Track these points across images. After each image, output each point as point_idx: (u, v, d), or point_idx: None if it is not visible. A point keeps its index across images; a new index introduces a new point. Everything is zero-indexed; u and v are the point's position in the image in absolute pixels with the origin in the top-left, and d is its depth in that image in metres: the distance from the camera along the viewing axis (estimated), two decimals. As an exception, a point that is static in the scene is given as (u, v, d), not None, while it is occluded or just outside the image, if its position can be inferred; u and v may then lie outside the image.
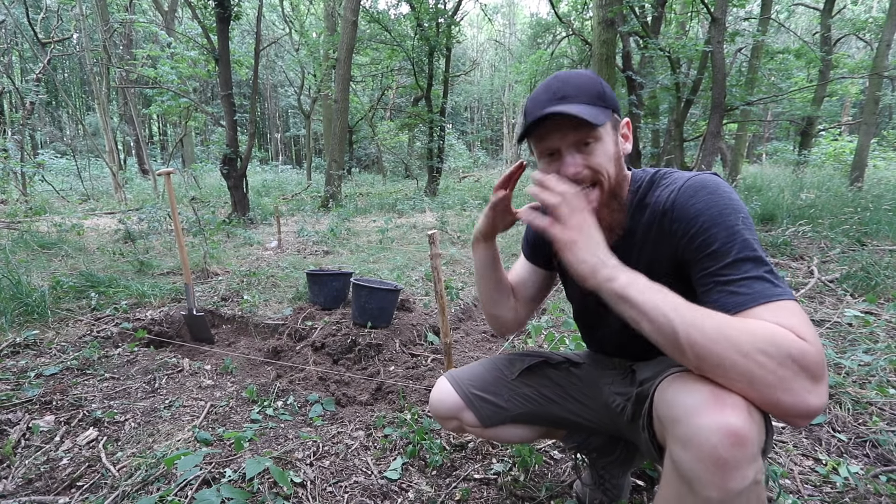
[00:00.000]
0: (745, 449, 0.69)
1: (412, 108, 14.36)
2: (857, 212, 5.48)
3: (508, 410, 1.18)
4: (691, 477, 0.72)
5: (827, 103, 13.89)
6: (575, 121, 0.88)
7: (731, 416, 0.69)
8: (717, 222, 0.82)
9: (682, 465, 0.73)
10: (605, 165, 0.92)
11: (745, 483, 0.69)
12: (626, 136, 0.99)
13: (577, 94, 0.90)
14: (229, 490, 1.22)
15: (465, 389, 1.19)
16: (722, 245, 0.80)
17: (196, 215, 5.36)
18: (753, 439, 0.70)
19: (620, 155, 0.96)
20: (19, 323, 2.61)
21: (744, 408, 0.70)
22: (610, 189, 0.93)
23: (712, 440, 0.69)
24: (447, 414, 1.20)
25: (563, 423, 1.20)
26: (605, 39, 8.29)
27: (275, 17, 20.37)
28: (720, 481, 0.69)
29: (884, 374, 1.99)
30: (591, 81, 0.93)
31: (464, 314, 3.28)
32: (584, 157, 0.91)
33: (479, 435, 1.22)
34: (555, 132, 0.91)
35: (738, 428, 0.69)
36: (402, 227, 6.80)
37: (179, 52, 8.78)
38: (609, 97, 0.93)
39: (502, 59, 28.86)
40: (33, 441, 1.59)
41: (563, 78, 0.93)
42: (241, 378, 2.26)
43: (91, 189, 10.83)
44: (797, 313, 0.73)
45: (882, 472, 1.45)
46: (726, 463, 0.69)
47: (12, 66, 14.83)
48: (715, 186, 0.86)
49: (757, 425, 0.71)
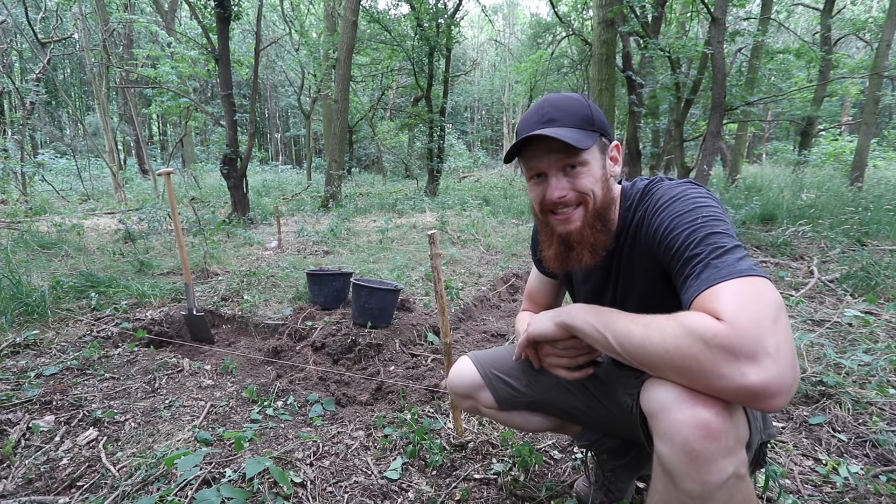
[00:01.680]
0: (717, 441, 0.69)
1: (412, 108, 14.35)
2: (857, 212, 5.48)
3: (526, 395, 1.18)
4: (671, 470, 0.74)
5: (827, 103, 13.88)
6: (561, 145, 0.90)
7: (701, 410, 0.71)
8: (676, 226, 0.85)
9: (663, 459, 0.75)
10: (589, 188, 0.94)
11: (722, 476, 0.70)
12: (616, 159, 1.00)
13: (564, 118, 0.92)
14: (229, 490, 1.22)
15: (486, 369, 1.20)
16: (679, 246, 0.83)
17: (196, 215, 5.36)
18: (727, 432, 0.70)
19: (608, 178, 0.97)
20: (19, 323, 2.61)
21: (717, 402, 0.71)
22: (595, 210, 0.95)
23: (684, 433, 0.71)
24: (465, 391, 1.21)
25: (578, 417, 1.20)
26: (605, 39, 8.29)
27: (275, 17, 20.36)
28: (696, 474, 0.70)
29: (884, 374, 1.99)
30: (580, 105, 0.94)
31: (464, 314, 3.27)
32: (569, 181, 0.94)
33: (492, 417, 1.23)
34: (542, 155, 0.93)
35: (708, 421, 0.70)
36: (402, 227, 6.80)
37: (179, 52, 8.77)
38: (598, 121, 0.94)
39: (502, 59, 28.85)
40: (33, 441, 1.59)
41: (553, 101, 0.95)
42: (241, 378, 2.26)
43: (91, 189, 10.83)
44: (734, 292, 0.71)
45: (882, 472, 1.45)
46: (699, 455, 0.70)
47: (12, 66, 14.85)
48: (682, 194, 0.89)
49: (732, 419, 0.72)
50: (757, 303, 0.70)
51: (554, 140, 0.89)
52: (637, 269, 0.99)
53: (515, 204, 9.33)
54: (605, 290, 1.09)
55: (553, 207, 0.96)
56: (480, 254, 5.09)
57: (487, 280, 4.02)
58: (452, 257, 4.71)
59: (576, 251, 0.97)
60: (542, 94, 15.18)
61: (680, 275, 0.82)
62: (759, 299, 0.70)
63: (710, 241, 0.79)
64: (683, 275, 0.81)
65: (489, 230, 6.38)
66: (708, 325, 0.69)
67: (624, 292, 1.04)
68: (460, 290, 3.55)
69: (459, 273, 4.24)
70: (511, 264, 4.58)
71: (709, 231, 0.81)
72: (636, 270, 0.99)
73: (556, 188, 0.93)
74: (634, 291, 1.01)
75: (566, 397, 1.18)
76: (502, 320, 3.34)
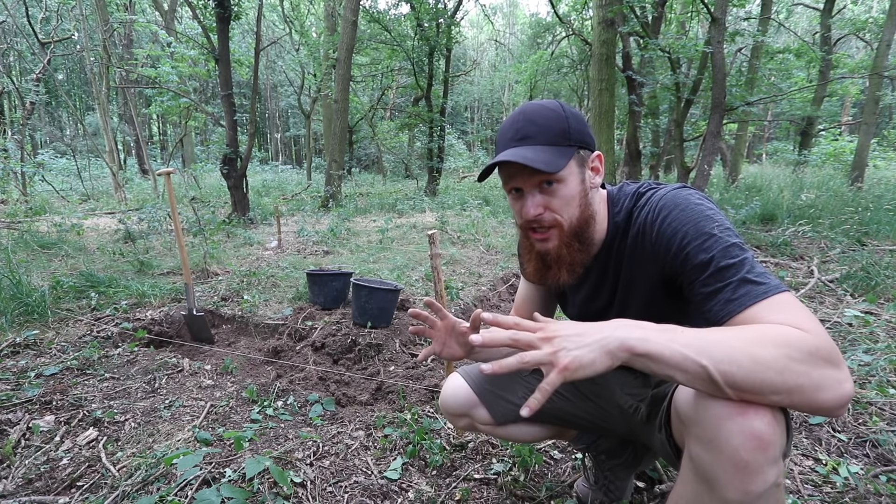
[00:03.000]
0: (767, 452, 0.68)
1: (412, 108, 14.35)
2: (857, 212, 5.48)
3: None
4: (711, 478, 0.72)
5: (827, 103, 13.88)
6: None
7: (755, 420, 0.69)
8: (694, 237, 0.83)
9: (703, 466, 0.73)
10: (564, 208, 0.93)
11: (765, 486, 0.69)
12: (597, 170, 0.98)
13: (539, 134, 0.90)
14: (229, 489, 1.22)
15: (479, 385, 1.18)
16: (704, 257, 0.81)
17: (196, 215, 5.36)
18: (776, 443, 0.69)
19: (587, 192, 0.95)
20: (19, 323, 2.61)
21: (768, 411, 0.70)
22: (571, 230, 0.94)
23: (734, 443, 0.69)
24: (459, 411, 1.19)
25: (575, 422, 1.19)
26: (605, 39, 8.30)
27: (275, 17, 20.36)
28: (741, 484, 0.69)
29: (884, 374, 1.99)
30: (556, 118, 0.92)
31: (464, 314, 3.27)
32: (544, 198, 0.92)
33: (489, 433, 1.21)
34: (517, 174, 0.92)
35: (762, 432, 0.68)
36: (402, 227, 6.80)
37: (179, 52, 8.77)
38: (575, 133, 0.92)
39: (502, 59, 28.87)
40: (33, 441, 1.59)
41: (529, 114, 0.93)
42: (241, 378, 2.26)
43: (91, 189, 10.83)
44: (791, 304, 0.73)
45: (882, 472, 1.45)
46: (748, 466, 0.68)
47: (12, 66, 14.85)
48: (685, 202, 0.88)
49: (780, 428, 0.71)
50: (809, 313, 0.72)
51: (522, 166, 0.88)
52: (638, 278, 0.97)
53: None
54: (599, 299, 1.07)
55: (531, 225, 0.95)
56: (480, 254, 5.09)
57: (487, 280, 4.02)
58: (452, 257, 4.71)
59: (553, 270, 0.97)
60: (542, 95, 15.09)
61: (705, 285, 0.80)
62: (805, 310, 0.72)
63: (736, 254, 0.79)
64: (712, 287, 0.79)
65: (489, 230, 6.38)
66: (805, 338, 0.67)
67: (622, 303, 1.02)
68: (460, 290, 3.55)
69: (459, 273, 4.24)
70: (511, 264, 4.58)
71: (731, 242, 0.80)
72: (637, 279, 0.97)
73: (532, 206, 0.92)
74: (635, 301, 0.99)
75: (562, 404, 1.17)
76: (502, 320, 3.34)
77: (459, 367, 1.27)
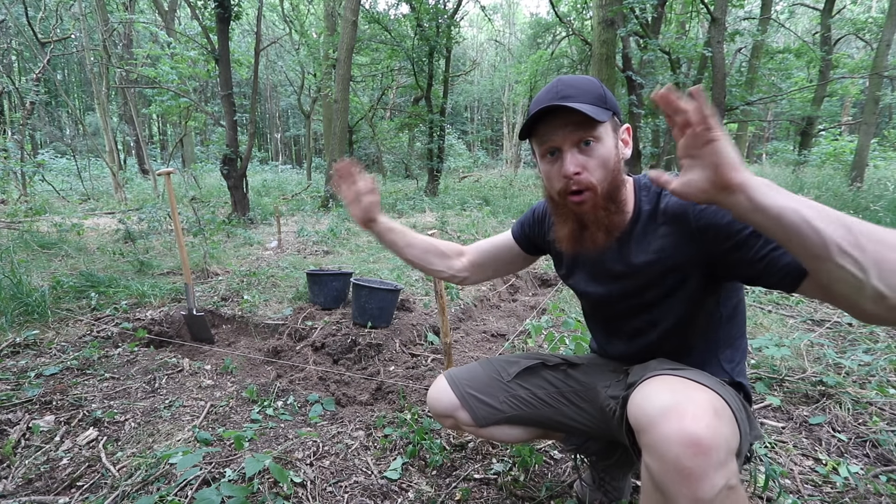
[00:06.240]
0: (708, 457, 0.68)
1: (412, 108, 14.35)
2: (857, 212, 5.48)
3: (503, 412, 1.18)
4: (661, 486, 0.72)
5: (827, 103, 13.88)
6: (577, 119, 0.89)
7: (691, 425, 0.69)
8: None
9: (654, 475, 0.73)
10: (599, 170, 0.93)
11: (714, 491, 0.68)
12: (626, 142, 0.99)
13: (579, 95, 0.92)
14: (229, 489, 1.22)
15: (461, 389, 1.20)
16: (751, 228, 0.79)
17: (196, 215, 5.35)
18: (719, 445, 0.69)
19: (619, 158, 0.96)
20: (19, 323, 2.61)
21: (706, 414, 0.69)
22: (604, 193, 0.94)
23: (674, 450, 0.69)
24: (443, 412, 1.22)
25: (558, 426, 1.19)
26: (605, 39, 8.30)
27: (275, 17, 20.36)
28: (688, 492, 0.68)
29: (884, 374, 1.99)
30: (592, 85, 0.94)
31: (464, 314, 3.28)
32: (583, 159, 0.92)
33: (473, 433, 1.23)
34: (557, 129, 0.92)
35: (699, 437, 0.68)
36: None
37: (179, 52, 8.77)
38: (610, 100, 0.94)
39: (502, 59, 28.84)
40: (33, 441, 1.59)
41: (566, 80, 0.95)
42: (241, 378, 2.26)
43: (91, 189, 10.82)
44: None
45: (882, 472, 1.45)
46: (691, 473, 0.68)
47: (12, 66, 14.84)
48: None
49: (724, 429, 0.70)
50: None
51: (570, 114, 0.89)
52: (678, 261, 0.94)
53: (515, 204, 9.33)
54: (609, 275, 1.04)
55: (568, 187, 0.94)
56: (480, 254, 5.09)
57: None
58: (452, 257, 4.70)
59: (590, 230, 0.96)
60: (542, 94, 15.26)
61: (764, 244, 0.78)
62: None
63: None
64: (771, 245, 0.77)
65: (489, 230, 6.37)
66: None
67: (635, 281, 1.00)
68: (460, 290, 3.55)
69: (459, 273, 4.24)
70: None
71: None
72: (676, 261, 0.94)
73: (572, 163, 0.92)
74: (654, 284, 0.98)
75: (544, 409, 1.17)
76: (502, 320, 3.34)
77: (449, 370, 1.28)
